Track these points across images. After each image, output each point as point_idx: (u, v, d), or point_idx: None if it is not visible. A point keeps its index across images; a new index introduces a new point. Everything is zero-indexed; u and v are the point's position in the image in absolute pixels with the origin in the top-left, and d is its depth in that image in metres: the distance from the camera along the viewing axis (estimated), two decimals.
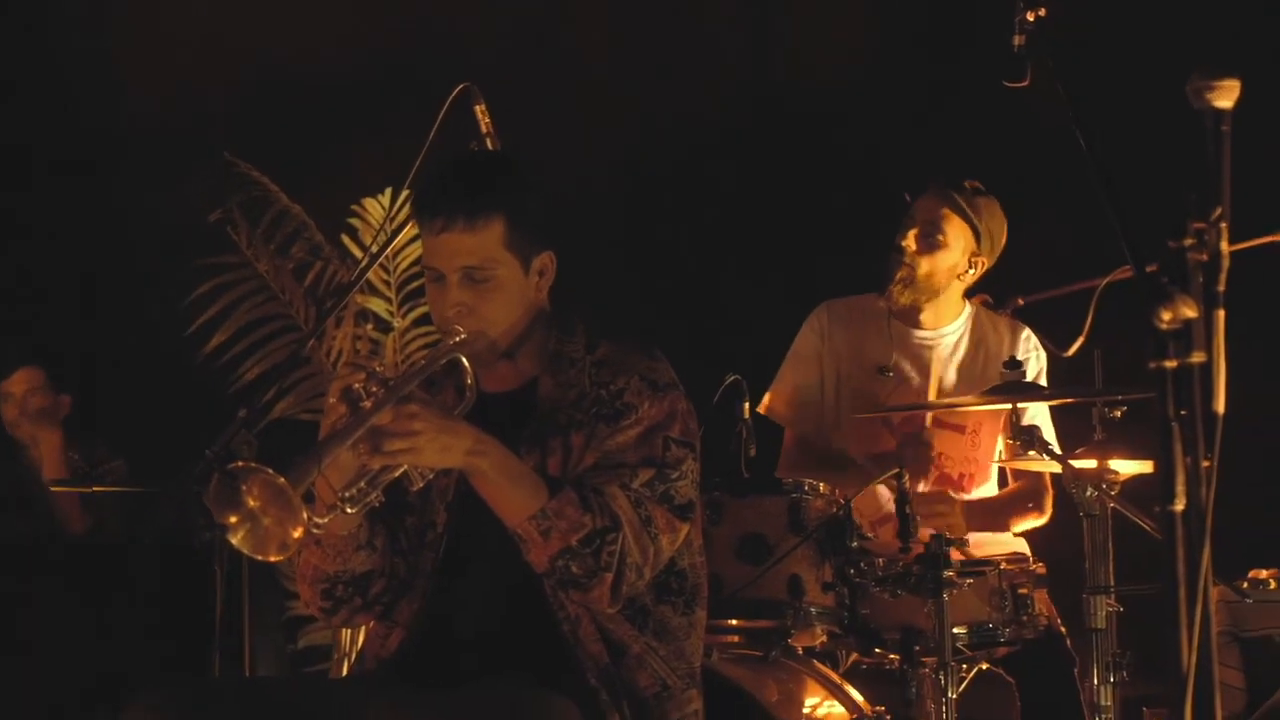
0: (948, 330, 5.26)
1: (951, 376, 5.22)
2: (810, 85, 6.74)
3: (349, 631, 6.09)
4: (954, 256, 5.17)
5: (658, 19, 7.09)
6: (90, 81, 7.31)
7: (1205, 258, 2.50)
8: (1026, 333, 5.28)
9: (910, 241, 5.15)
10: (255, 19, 7.30)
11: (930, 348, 5.24)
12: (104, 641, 5.76)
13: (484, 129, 4.25)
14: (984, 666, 4.58)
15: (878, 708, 4.39)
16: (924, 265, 5.15)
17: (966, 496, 5.15)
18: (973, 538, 4.65)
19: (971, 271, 5.21)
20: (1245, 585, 4.86)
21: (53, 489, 6.53)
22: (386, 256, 6.76)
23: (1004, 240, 5.24)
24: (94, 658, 5.71)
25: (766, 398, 5.28)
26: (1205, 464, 2.47)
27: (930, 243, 5.15)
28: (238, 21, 7.33)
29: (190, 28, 7.37)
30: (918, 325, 5.24)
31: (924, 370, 5.22)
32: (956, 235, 5.16)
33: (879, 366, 5.19)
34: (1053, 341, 5.21)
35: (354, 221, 6.90)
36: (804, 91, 6.78)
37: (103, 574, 6.00)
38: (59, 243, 7.37)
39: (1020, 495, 5.19)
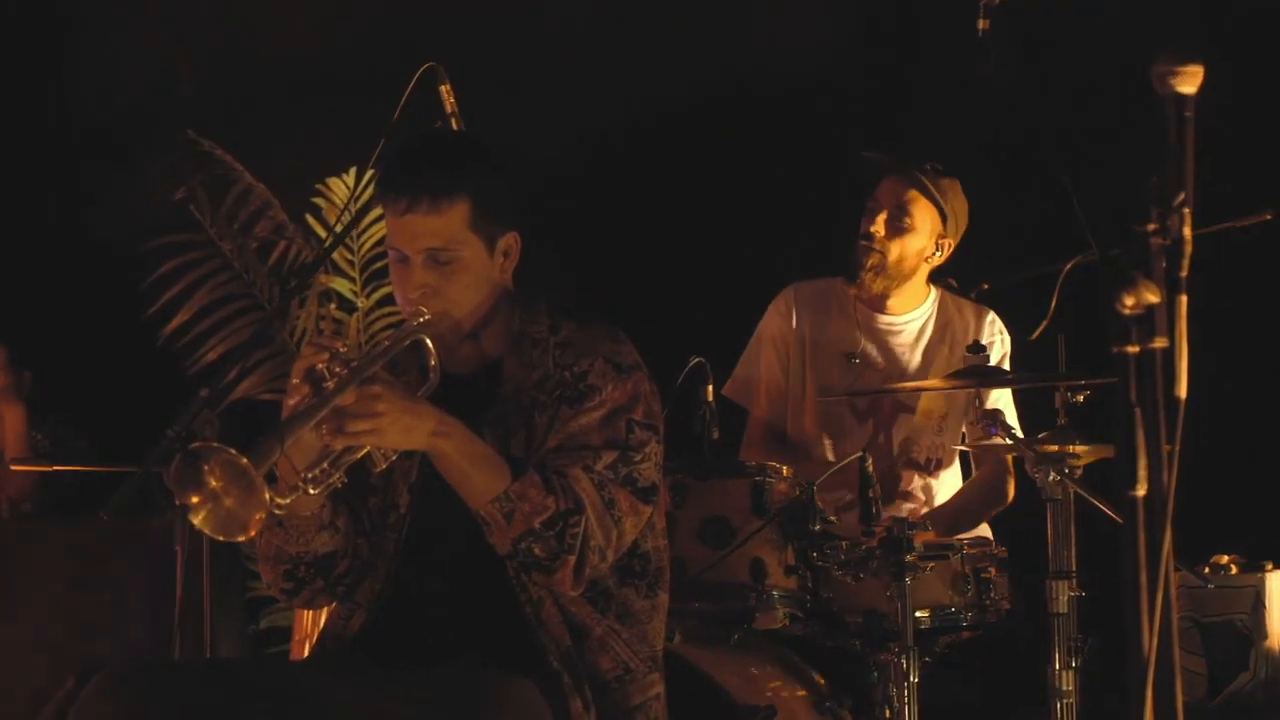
0: (914, 315, 5.26)
1: (917, 361, 5.23)
2: (777, 69, 6.73)
3: (310, 613, 6.08)
4: (922, 240, 5.18)
5: (625, 2, 7.08)
6: (51, 56, 7.26)
7: (1168, 243, 2.49)
8: (991, 316, 5.29)
9: (879, 227, 5.15)
10: None
11: (897, 333, 5.24)
12: (63, 623, 5.73)
13: (449, 109, 4.24)
14: (946, 650, 4.59)
15: (839, 691, 4.40)
16: (894, 250, 5.16)
17: (934, 481, 5.16)
18: None
19: (938, 254, 5.21)
20: (1207, 571, 4.88)
21: (13, 467, 6.49)
22: (350, 236, 6.74)
23: (966, 221, 5.24)
24: (52, 640, 5.68)
25: (731, 381, 5.28)
26: (1167, 449, 2.48)
27: (898, 227, 5.15)
28: None
29: (154, 4, 7.33)
30: (884, 310, 5.25)
31: (890, 356, 5.22)
32: (924, 218, 5.16)
33: (845, 352, 5.19)
34: (1017, 325, 5.23)
35: (318, 201, 6.88)
36: (771, 75, 6.77)
37: (61, 554, 5.96)
38: (17, 219, 7.32)
39: (982, 488, 5.20)
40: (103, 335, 7.03)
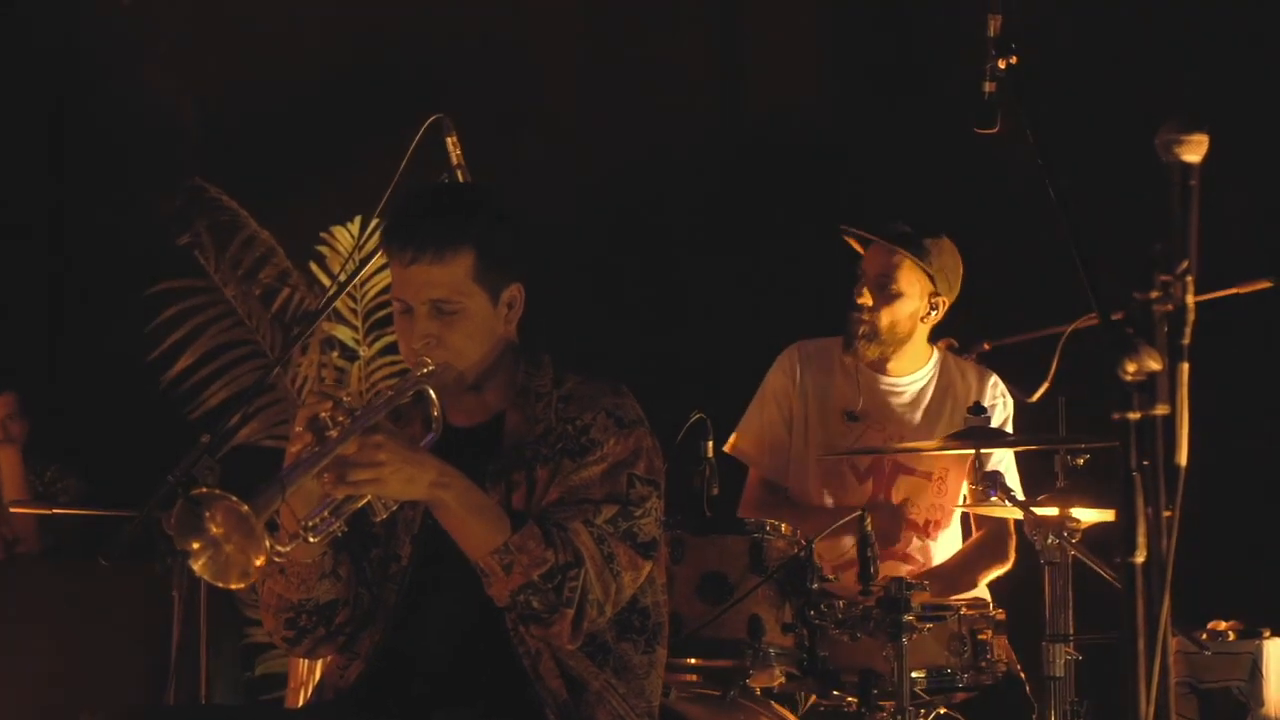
0: (915, 376, 5.26)
1: (918, 422, 5.23)
2: (780, 125, 6.76)
3: (305, 661, 6.07)
4: (913, 302, 5.17)
5: (628, 55, 7.11)
6: (59, 103, 7.30)
7: (1171, 309, 2.50)
8: (994, 379, 5.29)
9: (866, 298, 5.15)
10: (228, 44, 7.30)
11: (898, 394, 5.25)
12: (59, 665, 5.73)
13: (455, 161, 4.26)
14: (941, 711, 4.58)
15: None
16: (884, 317, 5.16)
17: (932, 543, 5.15)
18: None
19: (934, 312, 5.21)
20: (1204, 637, 4.87)
21: (12, 509, 6.50)
22: (354, 285, 6.75)
23: (961, 274, 5.23)
24: (48, 681, 5.68)
25: (734, 436, 5.28)
26: (1166, 515, 2.48)
27: (886, 295, 5.15)
28: (210, 46, 7.33)
29: (162, 51, 7.37)
30: (885, 371, 5.25)
31: (891, 416, 5.22)
32: (910, 281, 5.16)
33: (846, 411, 5.20)
34: (1017, 387, 5.22)
35: (322, 249, 6.90)
36: (773, 131, 6.80)
37: (59, 596, 5.96)
38: (22, 263, 7.34)
39: (982, 549, 5.18)
40: (104, 379, 7.04)
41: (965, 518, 5.25)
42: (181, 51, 7.35)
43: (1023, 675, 4.72)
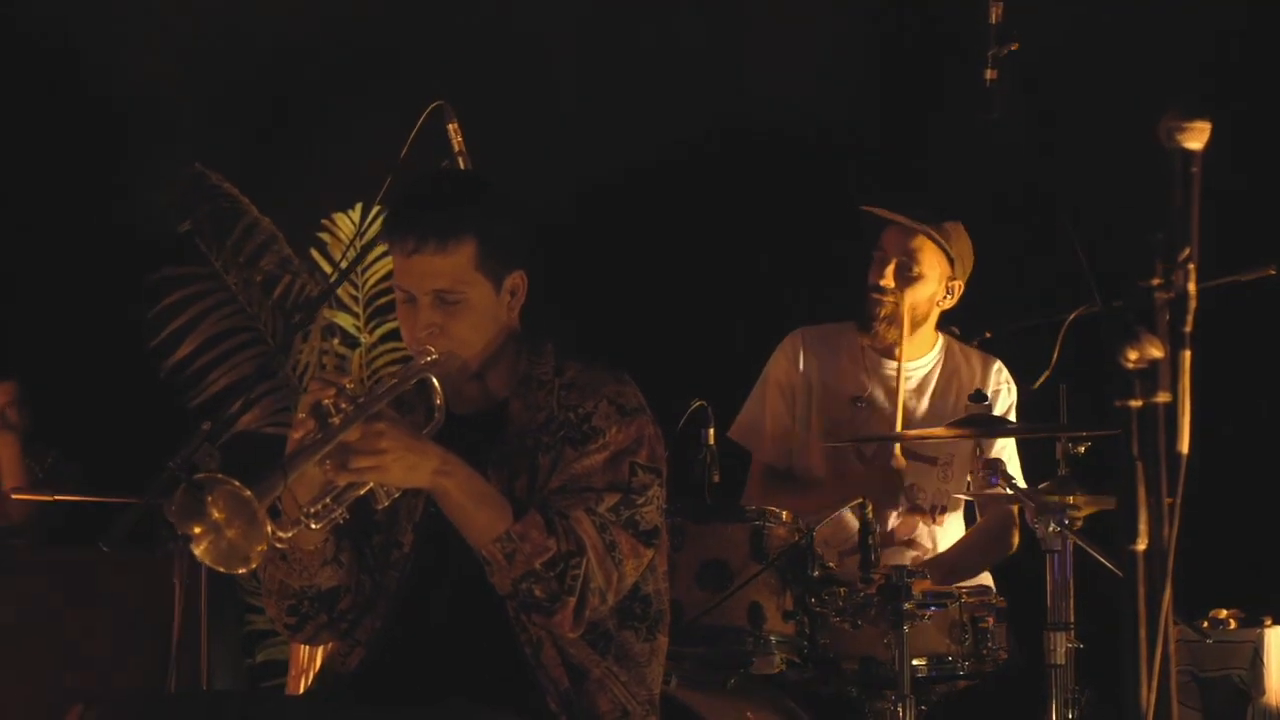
0: (921, 362, 5.26)
1: (924, 408, 5.22)
2: (781, 114, 6.75)
3: (306, 648, 6.08)
4: (932, 286, 5.17)
5: (628, 46, 7.10)
6: (56, 90, 7.28)
7: (1172, 297, 2.50)
8: (998, 365, 5.28)
9: (889, 278, 5.13)
10: (227, 29, 7.29)
11: (904, 379, 5.24)
12: (59, 653, 5.73)
13: (456, 148, 4.26)
14: (942, 699, 4.58)
15: None
16: (906, 299, 5.14)
17: (939, 529, 5.15)
18: None
19: (949, 297, 5.21)
20: (1205, 625, 4.87)
21: (12, 496, 6.49)
22: (355, 272, 6.75)
23: (973, 261, 5.23)
24: (48, 669, 5.68)
25: (736, 423, 5.28)
26: (1168, 502, 2.48)
27: (908, 276, 5.14)
28: (210, 31, 7.32)
29: (161, 37, 7.36)
30: (891, 356, 5.24)
31: (896, 401, 5.21)
32: (932, 264, 5.15)
33: (851, 396, 5.19)
34: (1019, 375, 5.23)
35: (323, 236, 6.89)
36: (775, 120, 6.79)
37: (59, 583, 5.96)
38: (22, 250, 7.33)
39: (986, 537, 5.18)
40: (105, 366, 7.04)
41: (969, 505, 5.25)
42: (181, 36, 7.33)
43: (1023, 663, 4.72)
